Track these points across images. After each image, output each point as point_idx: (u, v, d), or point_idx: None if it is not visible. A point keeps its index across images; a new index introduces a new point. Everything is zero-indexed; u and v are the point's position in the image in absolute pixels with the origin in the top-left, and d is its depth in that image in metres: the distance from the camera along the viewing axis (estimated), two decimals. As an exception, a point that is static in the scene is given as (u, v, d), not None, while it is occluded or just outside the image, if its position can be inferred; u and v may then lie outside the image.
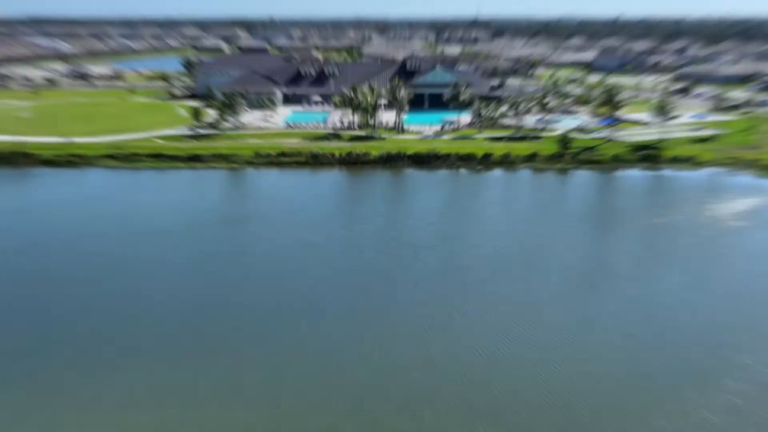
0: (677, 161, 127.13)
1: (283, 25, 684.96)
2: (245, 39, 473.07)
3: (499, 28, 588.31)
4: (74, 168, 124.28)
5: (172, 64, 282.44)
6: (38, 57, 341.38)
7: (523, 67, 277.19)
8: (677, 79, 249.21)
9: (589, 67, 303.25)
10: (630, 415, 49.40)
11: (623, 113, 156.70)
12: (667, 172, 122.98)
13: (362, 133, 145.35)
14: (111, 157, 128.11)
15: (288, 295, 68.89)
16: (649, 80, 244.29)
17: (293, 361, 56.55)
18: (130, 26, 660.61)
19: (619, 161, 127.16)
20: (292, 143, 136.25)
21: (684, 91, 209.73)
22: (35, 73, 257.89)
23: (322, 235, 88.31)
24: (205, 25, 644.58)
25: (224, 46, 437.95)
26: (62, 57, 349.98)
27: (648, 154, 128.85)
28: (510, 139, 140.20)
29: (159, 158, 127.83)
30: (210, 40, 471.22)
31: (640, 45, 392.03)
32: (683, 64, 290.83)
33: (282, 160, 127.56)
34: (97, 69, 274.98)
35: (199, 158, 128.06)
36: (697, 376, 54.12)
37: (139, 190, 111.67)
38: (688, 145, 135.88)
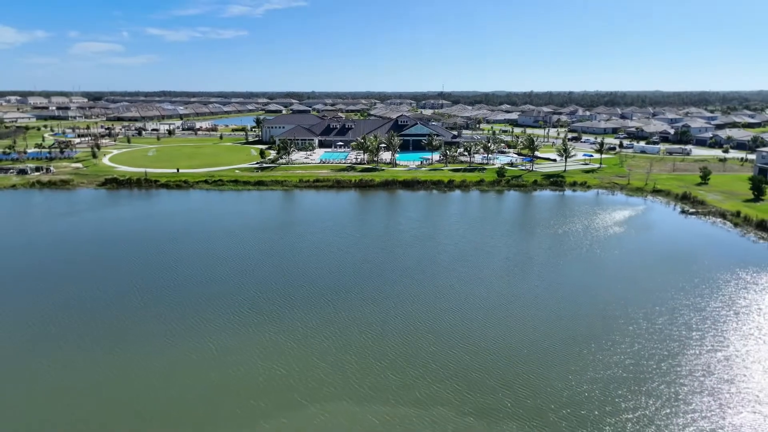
0: (575, 185, 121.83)
1: (320, 96, 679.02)
2: (296, 105, 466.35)
3: (456, 98, 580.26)
4: (181, 189, 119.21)
5: (248, 121, 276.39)
6: (164, 116, 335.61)
7: (472, 123, 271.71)
8: (571, 130, 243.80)
9: (514, 123, 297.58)
10: (548, 360, 44.39)
11: (539, 153, 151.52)
12: (568, 192, 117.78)
13: (369, 166, 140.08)
14: (205, 182, 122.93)
15: (316, 276, 63.86)
16: (553, 131, 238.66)
17: (319, 317, 51.60)
18: (225, 96, 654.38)
19: (536, 185, 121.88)
20: (324, 173, 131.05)
21: (576, 139, 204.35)
22: (161, 126, 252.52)
23: (340, 236, 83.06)
24: (271, 96, 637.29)
25: (283, 109, 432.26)
26: (179, 116, 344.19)
27: (555, 180, 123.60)
28: (465, 170, 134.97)
29: (236, 183, 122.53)
30: (274, 105, 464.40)
31: (546, 108, 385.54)
32: (574, 121, 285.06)
33: (317, 184, 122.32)
34: (200, 124, 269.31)
35: (263, 183, 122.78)
36: (595, 338, 49.07)
37: (222, 204, 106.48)
38: (580, 174, 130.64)
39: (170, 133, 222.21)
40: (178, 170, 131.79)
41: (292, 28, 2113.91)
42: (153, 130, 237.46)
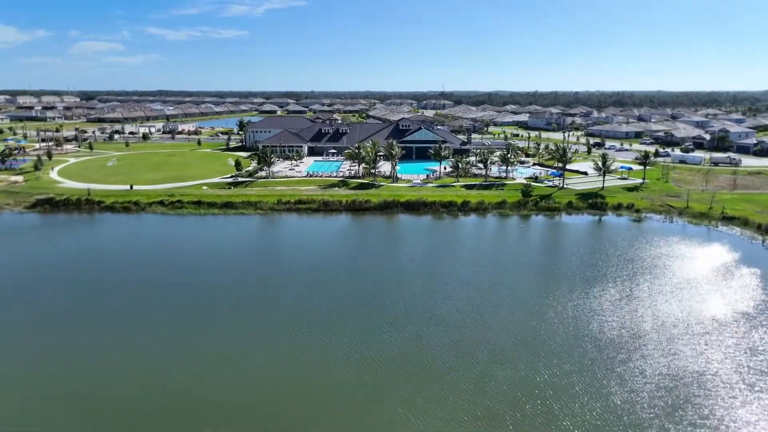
0: (620, 208, 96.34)
1: (319, 96, 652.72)
2: (292, 105, 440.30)
3: (458, 98, 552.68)
4: (129, 213, 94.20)
5: (234, 123, 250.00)
6: (149, 117, 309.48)
7: (479, 126, 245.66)
8: (590, 134, 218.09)
9: (524, 125, 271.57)
10: None
11: (569, 166, 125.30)
12: (612, 218, 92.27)
13: (365, 180, 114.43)
14: (161, 203, 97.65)
15: (259, 387, 38.61)
16: (570, 136, 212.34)
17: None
18: (222, 96, 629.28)
19: (571, 208, 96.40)
20: (310, 190, 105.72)
21: (600, 145, 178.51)
22: (140, 129, 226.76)
23: (314, 299, 57.24)
24: (267, 95, 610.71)
25: (278, 109, 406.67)
26: (166, 117, 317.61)
27: (594, 202, 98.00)
28: (480, 186, 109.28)
29: (199, 205, 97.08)
30: (269, 106, 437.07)
31: (554, 109, 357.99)
32: (590, 124, 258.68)
33: (299, 207, 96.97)
34: (183, 126, 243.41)
35: (232, 205, 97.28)
36: None
37: (170, 237, 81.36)
38: (622, 192, 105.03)
39: (145, 137, 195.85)
40: (131, 187, 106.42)
41: (293, 28, 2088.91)
42: (131, 133, 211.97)
